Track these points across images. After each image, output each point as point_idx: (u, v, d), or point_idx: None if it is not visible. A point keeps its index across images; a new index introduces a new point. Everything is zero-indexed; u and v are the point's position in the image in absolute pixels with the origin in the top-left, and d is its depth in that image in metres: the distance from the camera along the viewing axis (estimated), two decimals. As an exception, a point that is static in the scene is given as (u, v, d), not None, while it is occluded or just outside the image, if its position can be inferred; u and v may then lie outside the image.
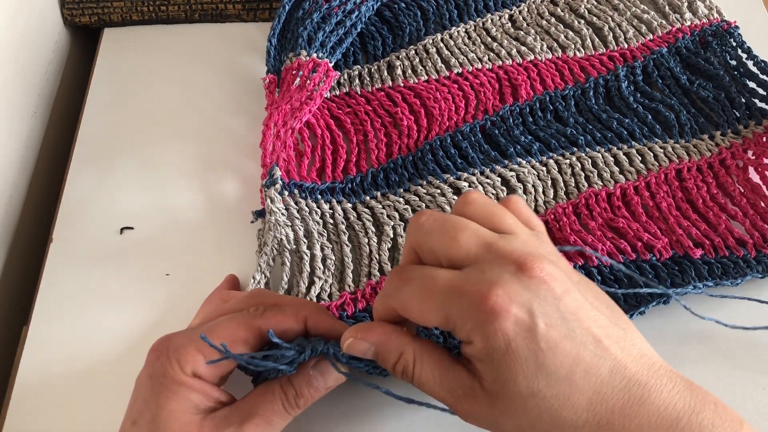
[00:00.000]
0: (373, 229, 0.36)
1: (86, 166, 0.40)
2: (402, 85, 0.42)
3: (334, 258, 0.34)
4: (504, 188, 0.37)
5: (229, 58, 0.45)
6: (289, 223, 0.35)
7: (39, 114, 0.44)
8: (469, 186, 0.37)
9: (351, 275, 0.34)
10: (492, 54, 0.44)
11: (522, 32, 0.45)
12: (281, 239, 0.34)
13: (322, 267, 0.34)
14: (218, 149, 0.40)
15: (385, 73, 0.43)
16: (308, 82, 0.39)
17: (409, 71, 0.43)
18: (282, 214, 0.35)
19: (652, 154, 0.38)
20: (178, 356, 0.25)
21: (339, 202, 0.37)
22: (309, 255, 0.34)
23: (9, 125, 0.40)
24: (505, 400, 0.23)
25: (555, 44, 0.44)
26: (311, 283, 0.33)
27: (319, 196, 0.37)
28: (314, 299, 0.33)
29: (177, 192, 0.38)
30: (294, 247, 0.34)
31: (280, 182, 0.36)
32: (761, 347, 0.32)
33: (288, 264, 0.34)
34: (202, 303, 0.32)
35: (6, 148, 0.39)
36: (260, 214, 0.36)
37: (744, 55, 0.42)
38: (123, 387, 0.27)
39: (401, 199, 0.37)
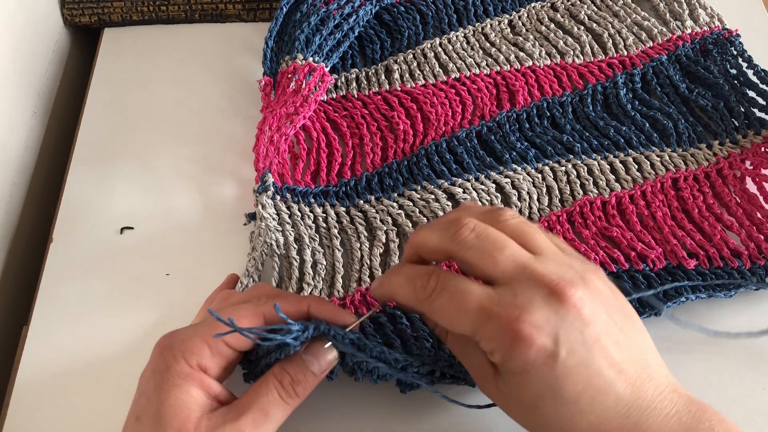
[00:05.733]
0: (366, 234, 0.36)
1: (86, 166, 0.40)
2: (399, 89, 0.42)
3: (325, 263, 0.34)
4: (498, 194, 0.37)
5: (229, 59, 0.45)
6: (280, 228, 0.35)
7: (39, 114, 0.44)
8: (464, 192, 0.37)
9: (341, 280, 0.34)
10: (490, 59, 0.43)
11: (521, 38, 0.44)
12: (271, 244, 0.34)
13: (311, 273, 0.34)
14: (217, 150, 0.41)
15: (383, 77, 0.43)
16: (303, 86, 0.39)
17: (407, 75, 0.43)
18: (273, 219, 0.35)
19: (648, 163, 0.38)
20: (183, 348, 0.26)
21: (332, 206, 0.37)
22: (298, 260, 0.34)
23: (9, 125, 0.40)
24: (510, 399, 0.25)
25: (554, 50, 0.44)
26: (300, 289, 0.34)
27: (312, 200, 0.37)
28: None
29: (177, 192, 0.39)
30: (284, 252, 0.35)
31: (272, 188, 0.36)
32: (761, 348, 0.32)
33: (277, 269, 0.34)
34: (204, 303, 0.32)
35: (6, 148, 0.40)
36: (253, 217, 0.37)
37: (744, 64, 0.42)
38: (123, 387, 0.28)
39: (395, 204, 0.37)
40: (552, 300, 0.24)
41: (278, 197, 0.36)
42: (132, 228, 0.37)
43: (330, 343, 0.27)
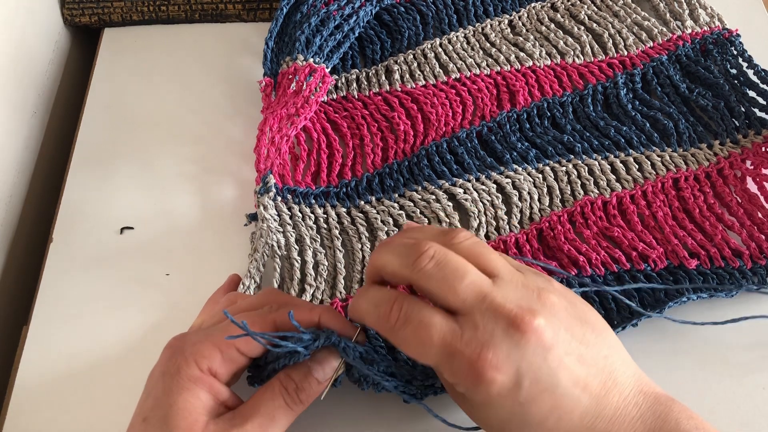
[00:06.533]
0: (367, 235, 0.36)
1: (86, 166, 0.40)
2: (399, 89, 0.42)
3: (326, 264, 0.34)
4: (499, 195, 0.37)
5: (229, 59, 0.45)
6: (281, 230, 0.35)
7: (39, 114, 0.44)
8: (464, 192, 0.37)
9: (343, 281, 0.34)
10: (490, 60, 0.43)
11: (521, 38, 0.44)
12: (272, 245, 0.34)
13: (313, 273, 0.34)
14: (217, 150, 0.41)
15: (383, 78, 0.43)
16: (304, 87, 0.39)
17: (407, 76, 0.43)
18: (274, 220, 0.35)
19: (649, 163, 0.38)
20: (194, 351, 0.26)
21: (333, 207, 0.37)
22: (300, 261, 0.34)
23: (9, 125, 0.40)
24: (480, 420, 0.26)
25: (554, 50, 0.44)
26: (302, 290, 0.34)
27: (313, 201, 0.37)
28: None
29: (177, 192, 0.39)
30: (285, 253, 0.35)
31: (274, 189, 0.36)
32: (760, 348, 0.32)
33: (279, 270, 0.34)
34: (205, 303, 0.33)
35: (6, 148, 0.40)
36: (254, 217, 0.37)
37: (745, 64, 0.42)
38: (123, 387, 0.28)
39: (396, 204, 0.37)
40: (512, 331, 0.24)
41: (279, 198, 0.36)
42: (132, 228, 0.37)
43: (338, 354, 0.27)
